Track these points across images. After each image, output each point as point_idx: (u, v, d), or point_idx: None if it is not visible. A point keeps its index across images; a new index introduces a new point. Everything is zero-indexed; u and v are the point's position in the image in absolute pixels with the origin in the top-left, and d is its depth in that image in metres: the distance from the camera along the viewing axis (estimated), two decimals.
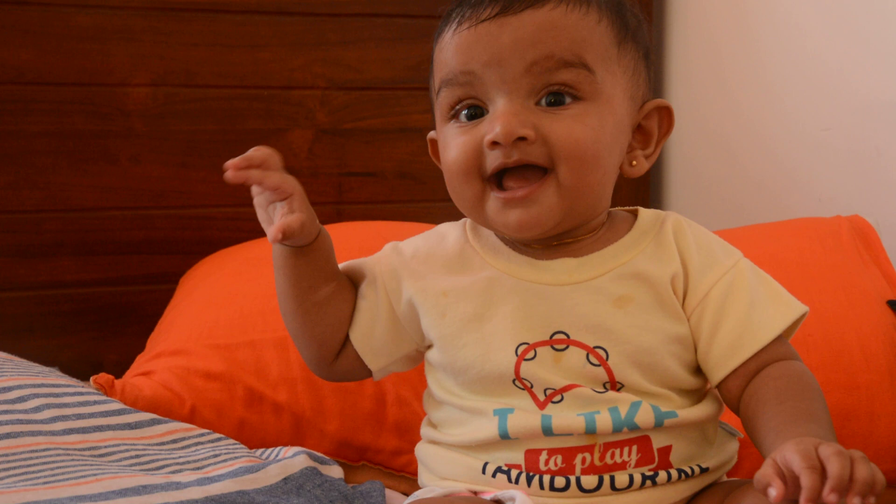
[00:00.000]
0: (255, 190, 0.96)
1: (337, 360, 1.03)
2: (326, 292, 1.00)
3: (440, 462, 0.98)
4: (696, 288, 0.94)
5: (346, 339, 1.02)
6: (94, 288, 1.67)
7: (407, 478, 1.26)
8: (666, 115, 1.00)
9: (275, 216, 0.96)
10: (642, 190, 1.94)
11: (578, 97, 0.91)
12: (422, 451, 1.01)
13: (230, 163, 0.92)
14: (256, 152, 0.93)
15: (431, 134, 1.03)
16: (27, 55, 1.61)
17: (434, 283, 0.98)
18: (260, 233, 1.58)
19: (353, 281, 1.04)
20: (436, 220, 1.55)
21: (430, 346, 0.99)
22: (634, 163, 0.98)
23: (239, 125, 1.73)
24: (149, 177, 1.68)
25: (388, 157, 1.80)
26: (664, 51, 1.98)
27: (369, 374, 1.04)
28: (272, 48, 1.73)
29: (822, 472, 0.71)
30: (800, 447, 0.74)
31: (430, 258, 1.01)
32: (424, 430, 1.02)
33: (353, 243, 1.46)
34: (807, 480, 0.71)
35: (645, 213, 1.01)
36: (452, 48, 0.94)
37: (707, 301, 0.94)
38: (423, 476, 1.01)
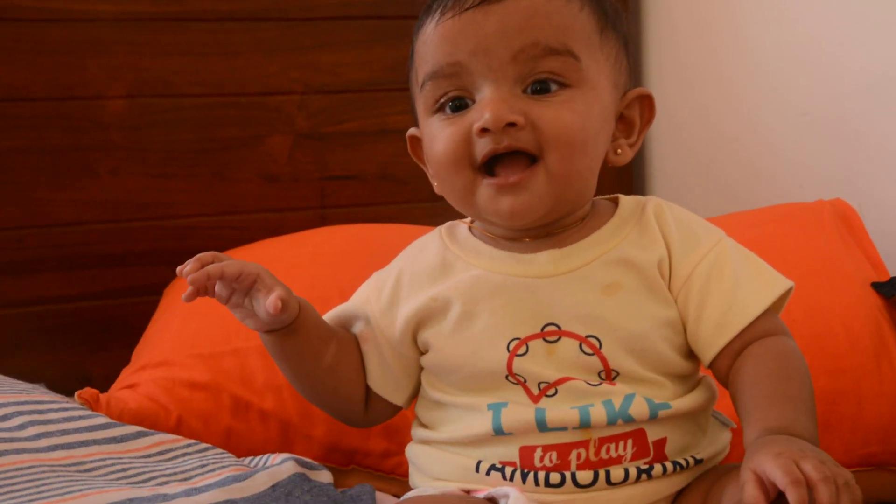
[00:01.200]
0: (221, 292, 0.94)
1: (367, 409, 1.04)
2: (331, 354, 1.00)
3: (432, 462, 0.98)
4: (680, 269, 0.94)
5: (368, 387, 1.02)
6: (78, 303, 1.66)
7: (398, 480, 1.25)
8: (647, 104, 1.00)
9: (256, 305, 0.95)
10: (626, 174, 1.93)
11: (565, 84, 0.91)
12: (413, 451, 1.01)
13: (184, 272, 0.91)
14: (203, 254, 0.93)
15: (412, 131, 1.03)
16: (0, 71, 1.60)
17: (423, 294, 0.98)
18: (243, 241, 1.59)
19: (347, 328, 1.04)
20: (418, 220, 1.56)
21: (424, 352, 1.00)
22: (619, 151, 0.99)
23: (217, 133, 1.71)
24: (128, 189, 1.67)
25: (369, 160, 1.79)
26: (645, 33, 1.96)
27: (400, 407, 1.04)
28: (247, 55, 1.72)
29: (806, 485, 0.71)
30: (779, 461, 0.73)
31: (415, 276, 1.00)
32: (415, 431, 1.01)
33: (338, 247, 1.46)
34: (794, 496, 0.70)
35: (626, 200, 1.01)
36: (436, 39, 0.93)
37: (691, 281, 0.94)
38: (414, 477, 1.01)
